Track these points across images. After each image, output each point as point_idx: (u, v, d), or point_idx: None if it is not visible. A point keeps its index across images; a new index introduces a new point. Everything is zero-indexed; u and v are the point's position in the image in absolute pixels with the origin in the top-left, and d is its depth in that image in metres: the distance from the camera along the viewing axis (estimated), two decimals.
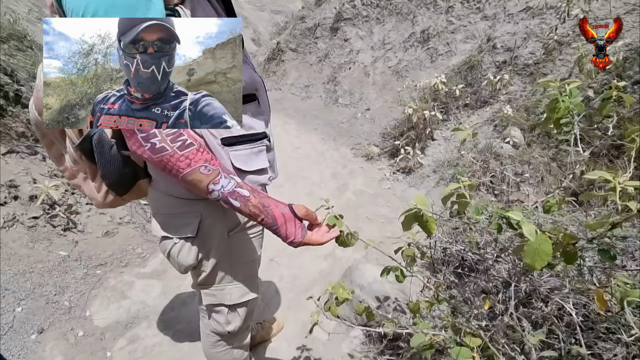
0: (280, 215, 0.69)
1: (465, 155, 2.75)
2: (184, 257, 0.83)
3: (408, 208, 0.71)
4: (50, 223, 2.10)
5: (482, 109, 3.29)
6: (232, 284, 0.91)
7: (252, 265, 0.95)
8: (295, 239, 0.71)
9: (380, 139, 3.92)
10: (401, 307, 1.55)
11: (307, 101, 5.39)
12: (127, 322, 1.73)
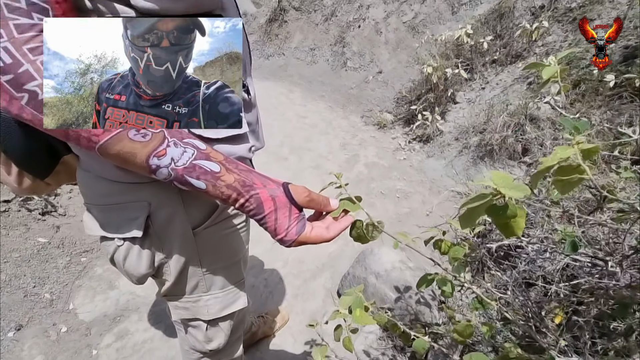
0: (268, 199, 0.47)
1: (495, 119, 2.37)
2: (133, 265, 0.62)
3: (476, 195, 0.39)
4: (24, 207, 1.91)
5: (514, 65, 2.85)
6: (210, 294, 0.70)
7: (234, 268, 0.73)
8: (288, 235, 0.48)
9: (394, 105, 3.53)
10: (425, 300, 1.30)
11: (313, 66, 4.96)
12: (115, 315, 1.56)
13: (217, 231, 0.65)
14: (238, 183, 0.45)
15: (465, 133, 2.62)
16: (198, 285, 0.68)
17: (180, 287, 0.68)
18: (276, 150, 3.07)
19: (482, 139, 2.41)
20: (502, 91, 2.70)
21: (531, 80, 2.61)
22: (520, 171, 2.14)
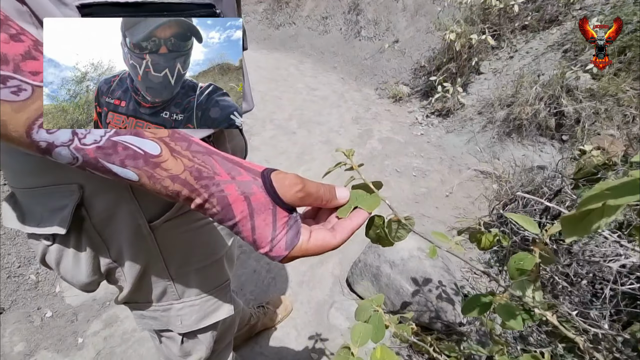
0: (239, 199, 0.32)
1: (525, 91, 2.14)
2: (70, 272, 0.47)
3: (597, 187, 0.23)
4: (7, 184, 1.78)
5: (547, 31, 2.57)
6: (183, 302, 0.56)
7: (214, 268, 0.58)
8: (274, 250, 0.33)
9: (411, 76, 3.29)
10: (448, 294, 1.15)
11: (325, 36, 4.68)
12: (105, 300, 1.43)
13: (185, 224, 0.50)
14: (190, 174, 0.30)
15: (490, 106, 2.40)
16: (167, 292, 0.54)
17: (142, 294, 0.54)
18: (284, 123, 2.89)
19: (509, 113, 2.19)
20: (534, 60, 2.44)
21: (567, 47, 2.34)
22: (553, 149, 1.94)
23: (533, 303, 0.40)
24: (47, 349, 1.27)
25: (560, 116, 1.97)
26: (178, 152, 0.30)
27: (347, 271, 1.51)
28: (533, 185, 1.31)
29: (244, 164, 0.33)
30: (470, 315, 0.44)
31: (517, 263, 0.39)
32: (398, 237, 0.43)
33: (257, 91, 3.49)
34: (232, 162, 0.33)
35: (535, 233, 0.39)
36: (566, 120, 1.94)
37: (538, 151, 1.99)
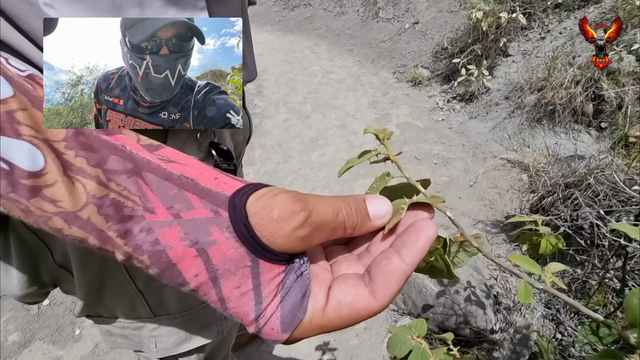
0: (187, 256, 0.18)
1: (559, 74, 1.98)
2: None
3: None
4: None
5: (584, 9, 2.37)
6: (158, 319, 0.45)
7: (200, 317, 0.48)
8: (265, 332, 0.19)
9: (432, 59, 3.13)
10: (477, 297, 1.05)
11: (342, 17, 4.51)
12: None
13: None
14: (97, 211, 0.18)
15: (519, 91, 2.24)
16: (136, 307, 0.44)
17: (105, 307, 0.44)
18: (298, 107, 2.79)
19: (540, 98, 2.04)
20: (568, 41, 2.26)
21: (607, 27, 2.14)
22: (590, 137, 1.79)
23: None
24: (43, 340, 1.22)
25: (599, 101, 1.81)
26: (79, 170, 0.19)
27: None
28: (576, 177, 1.19)
29: (201, 183, 0.20)
30: None
31: None
32: (455, 263, 0.31)
33: (271, 73, 3.39)
34: (180, 184, 0.20)
35: None
36: (606, 106, 1.78)
37: (572, 139, 1.84)
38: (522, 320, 1.13)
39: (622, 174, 1.09)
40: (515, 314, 1.17)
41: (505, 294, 1.23)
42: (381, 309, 0.20)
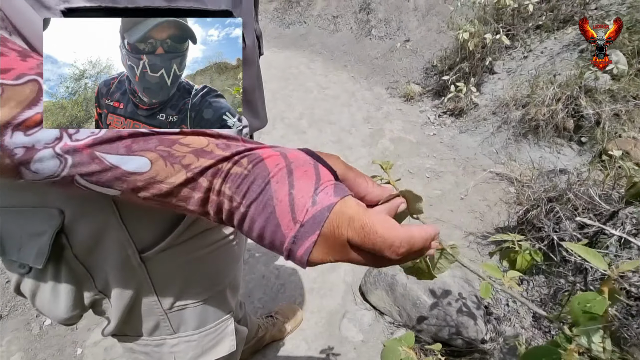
0: (274, 155, 0.28)
1: (541, 91, 2.10)
2: (46, 306, 0.43)
3: None
4: None
5: (562, 31, 2.52)
6: (178, 337, 0.51)
7: (215, 300, 0.52)
8: (320, 199, 0.26)
9: (423, 76, 3.26)
10: (468, 308, 1.12)
11: (336, 35, 4.66)
12: None
13: (184, 254, 0.45)
14: (216, 145, 0.28)
15: (505, 107, 2.37)
16: (160, 326, 0.49)
17: (132, 327, 0.49)
18: (294, 122, 2.88)
19: (525, 114, 2.16)
20: (549, 60, 2.40)
21: (584, 47, 2.29)
22: (572, 151, 1.90)
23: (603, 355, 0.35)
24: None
25: (578, 117, 1.93)
26: (198, 130, 0.28)
27: (360, 278, 1.45)
28: (557, 191, 1.28)
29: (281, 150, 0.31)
30: None
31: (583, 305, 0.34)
32: (438, 268, 0.40)
33: (267, 90, 3.47)
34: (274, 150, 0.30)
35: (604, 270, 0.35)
36: (585, 122, 1.90)
37: (556, 153, 1.95)
38: (512, 329, 1.20)
39: (598, 189, 1.18)
40: (505, 323, 1.23)
41: (495, 304, 1.30)
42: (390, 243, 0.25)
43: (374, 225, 0.25)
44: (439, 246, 0.38)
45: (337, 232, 0.25)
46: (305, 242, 0.25)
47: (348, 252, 0.26)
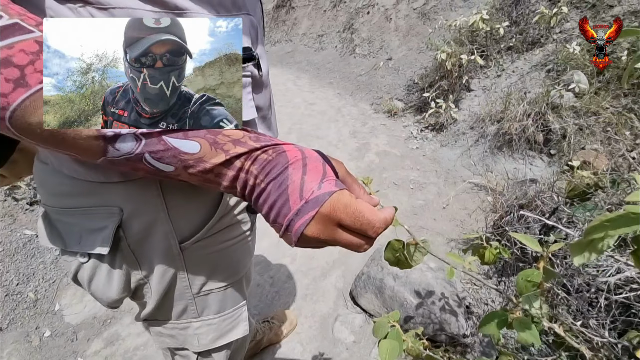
0: (294, 149, 0.36)
1: (513, 108, 2.28)
2: (101, 289, 0.50)
3: (618, 214, 0.30)
4: (11, 196, 1.78)
5: (531, 52, 2.74)
6: (201, 321, 0.58)
7: (233, 289, 0.60)
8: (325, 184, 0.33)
9: (405, 92, 3.43)
10: (451, 307, 1.21)
11: (321, 53, 4.84)
12: (106, 318, 1.42)
13: (212, 245, 0.53)
14: (249, 138, 0.35)
15: (481, 122, 2.53)
16: (187, 310, 0.56)
17: (164, 311, 0.56)
18: (284, 137, 2.98)
19: (499, 128, 2.33)
20: (519, 79, 2.60)
21: (550, 67, 2.50)
22: (542, 162, 2.06)
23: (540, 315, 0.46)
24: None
25: (547, 131, 2.10)
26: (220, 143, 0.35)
27: (350, 284, 1.53)
28: (527, 199, 1.41)
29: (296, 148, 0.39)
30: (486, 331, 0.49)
31: (525, 278, 0.45)
32: (415, 260, 0.49)
33: None
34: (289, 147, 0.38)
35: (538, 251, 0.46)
36: (553, 136, 2.07)
37: (528, 164, 2.11)
38: None
39: (562, 197, 1.31)
40: None
41: (475, 303, 1.40)
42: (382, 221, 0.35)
43: (363, 211, 0.34)
44: (413, 241, 0.47)
45: (332, 214, 0.32)
46: (305, 216, 0.32)
47: (337, 232, 0.34)
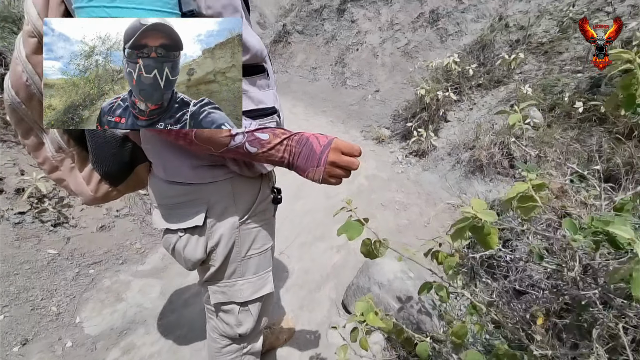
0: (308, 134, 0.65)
1: (482, 137, 2.60)
2: (191, 252, 0.74)
3: (462, 217, 0.58)
4: (38, 218, 1.91)
5: (497, 89, 3.12)
6: (244, 279, 0.82)
7: (265, 255, 0.84)
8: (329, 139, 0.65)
9: (391, 121, 3.77)
10: (426, 309, 1.44)
11: (315, 83, 5.22)
12: (122, 329, 1.56)
13: (255, 222, 0.78)
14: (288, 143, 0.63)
15: (457, 149, 2.85)
16: (236, 271, 0.79)
17: (221, 272, 0.79)
18: None
19: (472, 155, 2.64)
20: (488, 112, 2.95)
21: (513, 103, 2.85)
22: (509, 185, 2.35)
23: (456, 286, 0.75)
24: None
25: (511, 158, 2.41)
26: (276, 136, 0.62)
27: (342, 294, 1.72)
28: None
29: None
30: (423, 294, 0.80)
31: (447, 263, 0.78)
32: (380, 253, 0.76)
33: None
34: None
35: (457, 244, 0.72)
36: (516, 162, 2.38)
37: (498, 187, 2.40)
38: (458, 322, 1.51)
39: None
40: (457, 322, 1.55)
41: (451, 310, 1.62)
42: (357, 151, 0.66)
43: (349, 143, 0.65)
44: (377, 240, 0.73)
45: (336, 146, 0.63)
46: (326, 150, 0.62)
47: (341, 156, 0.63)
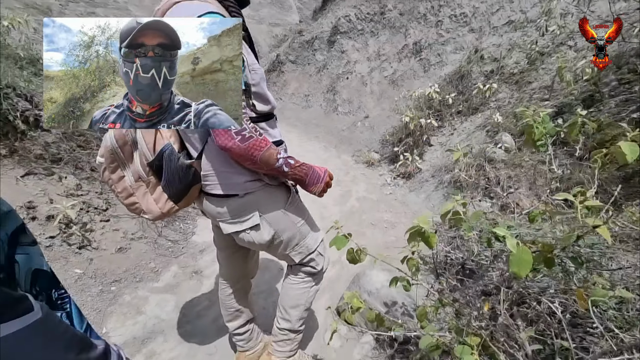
0: (310, 165, 0.98)
1: (461, 161, 2.87)
2: (260, 238, 1.04)
3: (412, 226, 0.83)
4: (66, 242, 2.13)
5: (474, 116, 3.42)
6: (308, 237, 1.14)
7: (308, 220, 1.18)
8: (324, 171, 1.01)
9: (380, 146, 4.04)
10: (408, 311, 1.65)
11: (308, 110, 5.52)
12: (144, 338, 1.74)
13: (292, 205, 1.07)
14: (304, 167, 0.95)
15: (440, 171, 3.11)
16: (296, 236, 1.10)
17: (292, 242, 1.10)
18: None
19: (452, 177, 2.89)
20: (467, 137, 3.24)
21: (488, 128, 3.15)
22: (487, 203, 2.60)
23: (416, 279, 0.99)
24: None
25: (486, 179, 2.67)
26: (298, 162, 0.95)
27: (336, 303, 1.93)
28: None
29: None
30: (392, 286, 1.05)
31: (410, 263, 0.95)
32: (361, 259, 0.99)
33: None
34: None
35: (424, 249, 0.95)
36: (491, 183, 2.64)
37: (477, 205, 2.65)
38: (438, 324, 1.71)
39: None
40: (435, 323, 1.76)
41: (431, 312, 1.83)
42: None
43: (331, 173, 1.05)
44: (359, 249, 0.95)
45: (329, 173, 1.04)
46: (324, 175, 1.01)
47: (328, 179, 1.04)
